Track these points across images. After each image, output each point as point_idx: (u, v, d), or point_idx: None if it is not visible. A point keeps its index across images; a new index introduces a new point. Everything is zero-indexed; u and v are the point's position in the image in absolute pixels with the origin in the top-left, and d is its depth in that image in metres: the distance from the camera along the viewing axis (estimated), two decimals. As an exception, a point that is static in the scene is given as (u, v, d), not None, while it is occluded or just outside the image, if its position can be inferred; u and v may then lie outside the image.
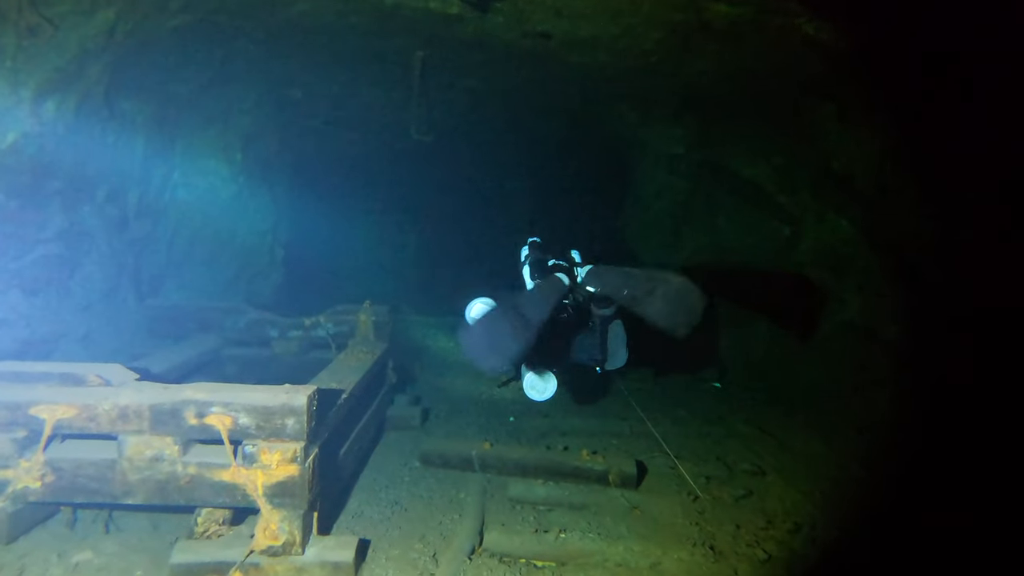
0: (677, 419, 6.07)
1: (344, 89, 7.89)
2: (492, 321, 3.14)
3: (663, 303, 3.10)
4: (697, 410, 6.44)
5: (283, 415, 2.98)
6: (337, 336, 5.22)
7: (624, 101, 7.87)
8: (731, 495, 4.35)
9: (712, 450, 5.23)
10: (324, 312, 5.26)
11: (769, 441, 5.45)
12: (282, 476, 3.02)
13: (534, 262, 3.99)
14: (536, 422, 5.72)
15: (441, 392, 6.64)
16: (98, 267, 5.40)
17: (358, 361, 4.62)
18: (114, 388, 3.06)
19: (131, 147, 5.91)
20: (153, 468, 3.02)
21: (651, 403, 6.65)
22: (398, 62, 7.00)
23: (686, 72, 6.37)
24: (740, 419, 6.11)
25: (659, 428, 5.68)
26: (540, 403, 5.73)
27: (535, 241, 4.37)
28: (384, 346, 5.19)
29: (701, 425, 5.86)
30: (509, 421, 5.85)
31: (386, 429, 5.25)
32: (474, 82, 7.86)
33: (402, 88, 7.58)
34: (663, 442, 5.23)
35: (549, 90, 7.95)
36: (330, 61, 7.00)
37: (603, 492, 4.29)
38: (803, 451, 5.21)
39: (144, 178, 6.17)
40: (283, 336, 5.19)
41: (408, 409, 5.37)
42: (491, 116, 9.54)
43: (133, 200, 6.10)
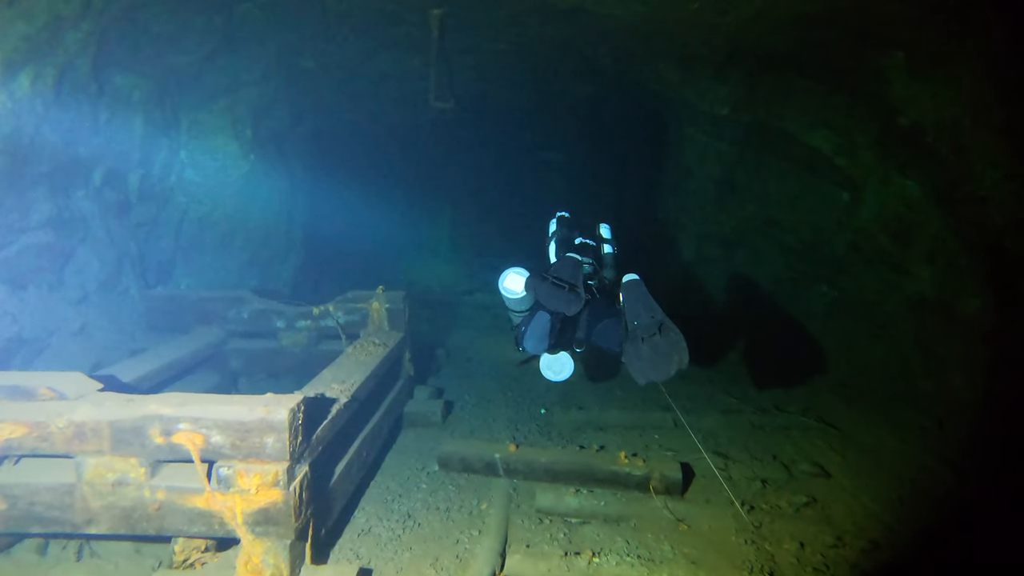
0: (726, 409, 5.50)
1: (359, 57, 7.37)
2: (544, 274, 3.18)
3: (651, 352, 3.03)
4: (749, 396, 5.85)
5: (261, 432, 2.52)
6: (348, 326, 4.78)
7: (662, 58, 7.17)
8: (791, 503, 3.79)
9: (767, 446, 4.66)
10: (333, 300, 4.81)
11: (831, 434, 4.85)
12: (263, 502, 2.58)
13: (561, 239, 3.79)
14: (570, 415, 5.21)
15: (467, 380, 6.18)
16: (95, 255, 5.04)
17: (368, 355, 4.17)
18: (69, 402, 2.65)
19: (128, 125, 5.50)
20: (117, 493, 2.61)
21: (695, 388, 6.10)
22: (415, 23, 6.45)
23: (731, 22, 5.65)
24: (797, 407, 5.51)
25: (706, 420, 5.14)
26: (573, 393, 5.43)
27: (563, 216, 4.08)
28: (399, 336, 4.73)
29: (753, 415, 5.28)
30: (540, 414, 5.36)
31: (404, 426, 4.82)
32: (499, 44, 7.27)
33: (422, 53, 7.04)
34: (709, 440, 4.68)
35: (580, 50, 7.31)
36: (342, 26, 6.48)
37: (644, 501, 3.77)
38: (872, 447, 4.61)
39: (146, 159, 5.77)
40: (290, 327, 4.76)
41: (428, 404, 4.92)
42: (520, 81, 8.93)
43: (135, 182, 5.72)
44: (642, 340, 3.02)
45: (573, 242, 3.74)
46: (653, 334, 3.01)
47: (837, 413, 5.30)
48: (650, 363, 3.02)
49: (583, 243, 3.73)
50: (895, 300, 6.25)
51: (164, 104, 5.96)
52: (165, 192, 6.16)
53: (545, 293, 3.13)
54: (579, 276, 3.19)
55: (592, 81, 8.83)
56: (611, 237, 3.85)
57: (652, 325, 3.04)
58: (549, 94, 9.73)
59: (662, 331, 3.02)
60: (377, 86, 8.11)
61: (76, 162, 4.91)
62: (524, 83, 9.09)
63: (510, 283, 3.47)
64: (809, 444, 4.68)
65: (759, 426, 5.06)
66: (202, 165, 6.51)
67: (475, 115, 10.56)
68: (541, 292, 3.15)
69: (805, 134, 6.96)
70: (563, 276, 3.15)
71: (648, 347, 3.01)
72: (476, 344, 7.55)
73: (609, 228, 3.94)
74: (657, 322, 3.04)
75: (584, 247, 3.68)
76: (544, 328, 3.40)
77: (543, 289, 3.14)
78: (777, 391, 6.03)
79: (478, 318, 8.71)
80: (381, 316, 4.73)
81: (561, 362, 3.58)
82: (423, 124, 10.12)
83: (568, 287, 3.10)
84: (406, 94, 8.22)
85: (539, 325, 3.40)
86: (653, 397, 5.75)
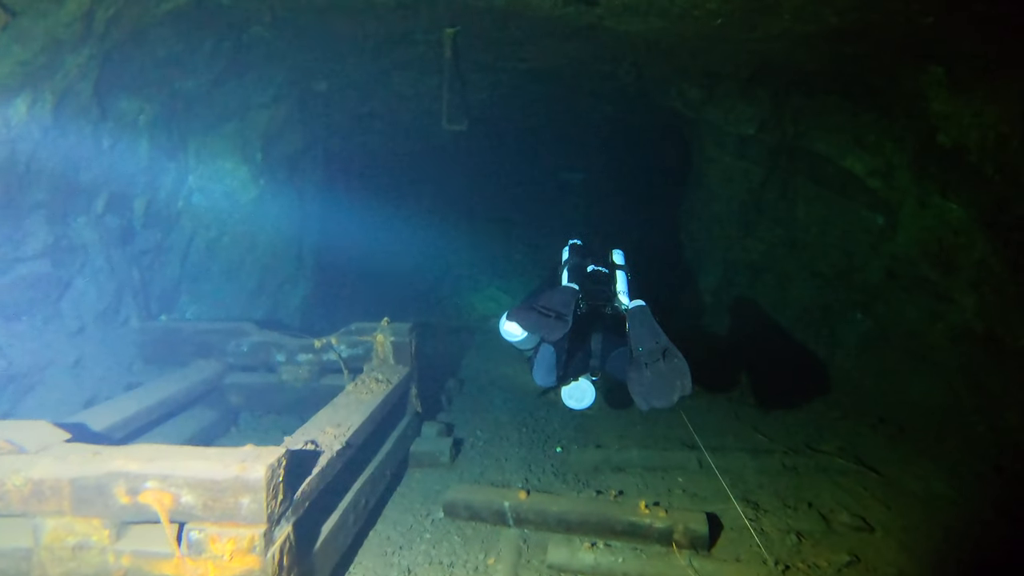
0: (755, 448, 5.13)
1: (373, 78, 7.22)
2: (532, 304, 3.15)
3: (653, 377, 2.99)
4: (779, 434, 5.47)
5: (236, 492, 2.26)
6: (351, 360, 4.52)
7: (684, 76, 6.92)
8: (831, 563, 3.42)
9: (801, 492, 4.29)
10: (336, 332, 4.57)
11: (873, 480, 4.46)
12: (239, 570, 2.31)
13: (572, 267, 3.67)
14: (587, 455, 4.89)
15: (480, 413, 5.89)
16: (93, 285, 4.87)
17: (369, 394, 3.90)
18: (29, 457, 2.41)
19: (133, 150, 5.36)
20: (78, 559, 2.36)
21: (722, 423, 5.74)
22: (428, 43, 6.28)
23: (758, 37, 5.38)
24: (833, 446, 5.12)
25: (733, 460, 4.78)
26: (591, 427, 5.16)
27: (576, 244, 4.00)
28: (405, 370, 4.46)
29: (785, 456, 4.90)
30: (556, 452, 5.04)
31: (410, 465, 4.53)
32: (515, 63, 7.07)
33: (436, 74, 6.86)
34: (737, 484, 4.32)
35: (599, 68, 7.09)
36: (354, 48, 6.33)
37: (667, 557, 3.43)
38: (921, 495, 4.21)
39: (151, 184, 5.63)
40: (291, 360, 4.53)
41: (436, 443, 4.63)
42: (538, 101, 8.73)
43: (139, 209, 5.57)
44: (645, 365, 2.98)
45: (585, 270, 3.65)
46: (656, 360, 2.98)
47: (878, 454, 4.90)
48: (652, 388, 2.98)
49: (595, 271, 3.65)
50: (937, 330, 5.86)
51: (171, 128, 5.83)
52: (171, 218, 6.00)
53: (529, 322, 3.09)
54: (570, 304, 3.12)
55: (612, 100, 8.60)
56: (624, 263, 3.75)
57: (656, 351, 3.00)
58: (568, 114, 9.52)
59: (666, 357, 2.99)
60: (392, 108, 7.95)
61: (76, 188, 4.77)
62: (542, 104, 8.89)
63: (509, 328, 3.37)
64: (848, 491, 4.30)
65: (792, 468, 4.69)
66: (210, 190, 6.36)
67: (494, 137, 10.38)
68: (525, 322, 3.11)
69: (836, 154, 6.64)
70: (551, 305, 3.09)
71: (651, 372, 2.98)
72: (492, 372, 7.27)
73: (623, 254, 3.86)
74: (661, 348, 2.99)
75: (596, 275, 3.62)
76: (550, 360, 3.35)
77: (527, 319, 3.10)
78: (809, 427, 5.65)
79: (496, 344, 8.41)
80: (386, 350, 4.47)
81: (582, 390, 3.52)
82: (440, 146, 9.95)
83: (554, 315, 3.04)
84: (421, 115, 8.05)
85: (545, 357, 3.35)
86: (676, 433, 5.43)
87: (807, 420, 5.85)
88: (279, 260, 7.10)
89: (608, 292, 3.51)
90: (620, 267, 3.71)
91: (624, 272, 3.66)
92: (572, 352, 3.37)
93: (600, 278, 3.60)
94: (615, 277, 3.61)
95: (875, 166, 6.39)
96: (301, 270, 7.54)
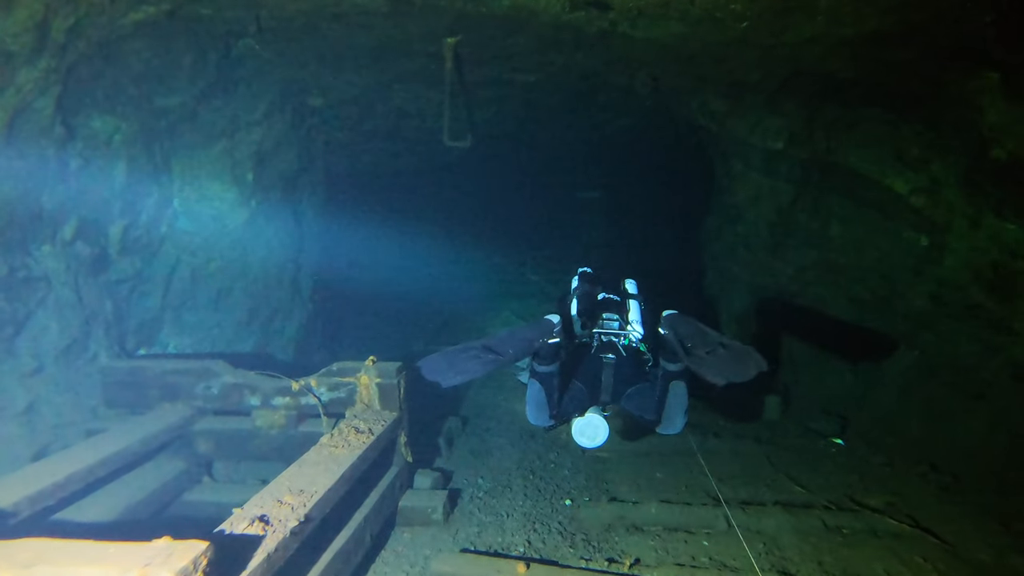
0: (791, 501, 4.53)
1: (372, 93, 6.81)
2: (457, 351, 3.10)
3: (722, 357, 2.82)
4: (817, 483, 4.87)
5: (133, 609, 1.76)
6: (332, 404, 4.03)
7: (707, 87, 6.41)
8: (892, 661, 2.84)
9: (849, 563, 3.69)
10: (315, 373, 4.09)
11: (932, 547, 3.85)
12: None
13: (582, 295, 3.50)
14: (599, 510, 4.33)
15: (483, 458, 5.36)
16: (55, 319, 4.44)
17: (346, 447, 3.40)
18: None
19: (107, 173, 4.96)
20: None
21: (752, 469, 5.16)
22: (429, 54, 5.85)
23: (789, 41, 4.88)
24: (880, 500, 4.51)
25: (767, 519, 4.21)
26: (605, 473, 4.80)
27: (586, 272, 3.87)
28: (392, 416, 3.95)
29: (826, 512, 4.30)
30: (565, 506, 4.49)
31: (398, 524, 4.02)
32: (524, 75, 6.63)
33: (439, 88, 6.42)
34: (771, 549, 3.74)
35: (615, 80, 6.61)
36: (350, 60, 5.93)
37: (691, 653, 2.87)
38: (992, 568, 3.59)
39: (130, 208, 5.22)
40: (266, 404, 4.04)
41: (428, 497, 4.10)
42: (549, 116, 8.27)
43: (115, 235, 5.15)
44: (706, 353, 2.81)
45: (596, 298, 3.51)
46: (715, 349, 2.81)
47: (933, 511, 4.29)
48: (724, 365, 2.78)
49: (607, 299, 3.52)
50: (995, 365, 5.24)
51: (152, 149, 5.43)
52: (153, 244, 5.59)
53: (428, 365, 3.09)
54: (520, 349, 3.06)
55: (629, 113, 8.12)
56: (638, 293, 3.61)
57: (710, 344, 2.84)
58: (583, 130, 9.05)
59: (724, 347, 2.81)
60: (394, 124, 7.53)
61: (37, 215, 4.35)
62: (554, 119, 8.43)
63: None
64: (905, 561, 3.69)
65: (835, 529, 4.09)
66: (197, 213, 5.94)
67: (504, 155, 9.94)
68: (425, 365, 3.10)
69: (874, 171, 6.05)
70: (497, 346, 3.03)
71: (715, 357, 2.81)
72: (500, 408, 6.75)
73: (636, 284, 3.71)
74: (715, 341, 2.84)
75: (608, 303, 3.47)
76: (539, 397, 3.13)
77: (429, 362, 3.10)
78: (852, 475, 5.04)
79: (506, 375, 7.89)
80: (371, 393, 3.97)
81: (594, 426, 3.26)
82: (448, 165, 9.53)
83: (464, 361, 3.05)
84: (426, 133, 7.63)
85: (534, 394, 3.14)
86: (701, 482, 4.85)
87: (848, 466, 5.24)
88: (272, 287, 6.66)
89: (620, 322, 3.33)
90: (633, 296, 3.55)
91: (638, 301, 3.50)
92: (566, 387, 3.18)
93: (612, 306, 3.43)
94: (628, 306, 3.45)
95: (919, 183, 5.80)
96: (297, 298, 7.09)
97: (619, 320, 3.36)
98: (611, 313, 3.38)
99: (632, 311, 3.45)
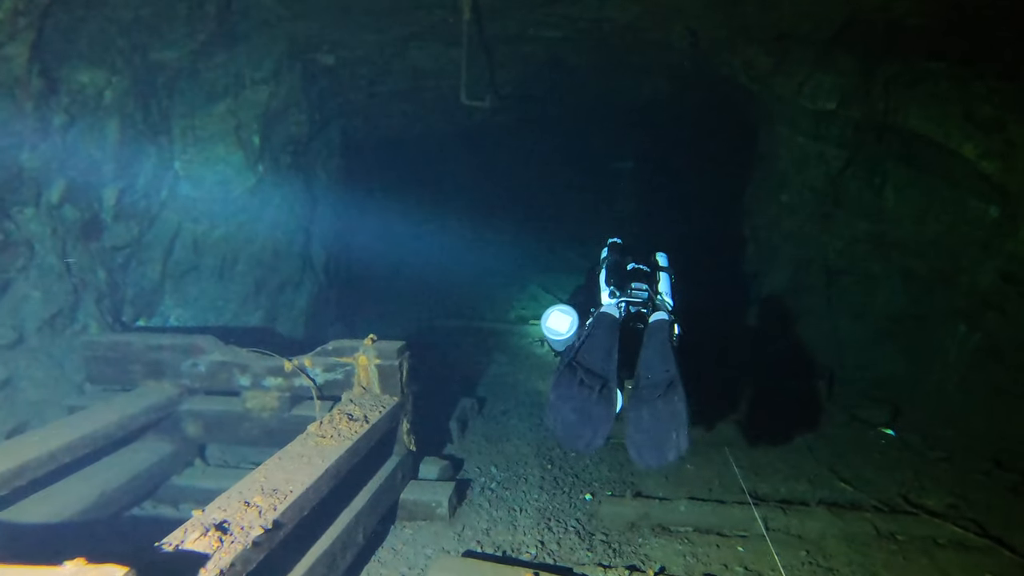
0: (837, 500, 4.07)
1: (388, 51, 6.36)
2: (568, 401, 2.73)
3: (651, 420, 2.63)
4: (865, 481, 4.38)
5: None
6: (328, 387, 3.67)
7: (750, 40, 5.81)
8: None
9: (907, 576, 3.23)
10: (309, 353, 3.72)
11: (1007, 561, 3.35)
12: None
13: (611, 266, 3.42)
14: (622, 507, 3.92)
15: (498, 443, 4.98)
16: (38, 287, 4.14)
17: (337, 437, 3.03)
18: None
19: (99, 132, 4.64)
20: None
21: (793, 461, 4.70)
22: (444, 6, 5.38)
23: (847, -18, 4.28)
24: (940, 502, 4.03)
25: (810, 521, 3.75)
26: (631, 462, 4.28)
27: (615, 242, 3.77)
28: (393, 401, 3.57)
29: (876, 516, 3.83)
30: (584, 501, 4.08)
31: (399, 518, 3.66)
32: (549, 31, 6.12)
33: (460, 46, 5.94)
34: (817, 559, 3.29)
35: (649, 35, 6.05)
36: (362, 14, 5.48)
37: None
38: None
39: (124, 171, 4.89)
40: (256, 385, 3.69)
41: (432, 490, 3.73)
42: (579, 79, 7.73)
43: (110, 199, 4.84)
44: (644, 403, 2.66)
45: (625, 268, 3.39)
46: (657, 396, 2.65)
47: (1002, 515, 3.79)
48: (647, 438, 2.62)
49: (636, 269, 3.39)
50: (1074, 352, 4.66)
51: (149, 107, 5.09)
52: (152, 209, 5.27)
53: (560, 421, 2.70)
54: (611, 365, 2.72)
55: (665, 74, 7.54)
56: (668, 265, 3.50)
57: (660, 384, 2.67)
58: (615, 93, 8.48)
59: (667, 393, 2.63)
60: (412, 85, 7.07)
61: (16, 175, 4.03)
62: (585, 82, 7.88)
63: (554, 323, 3.21)
64: (971, 575, 3.21)
65: (889, 536, 3.62)
66: (200, 178, 5.61)
67: (531, 120, 9.41)
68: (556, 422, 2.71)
69: (938, 132, 5.45)
70: (591, 366, 2.72)
71: (648, 415, 2.63)
72: (521, 387, 6.35)
73: (666, 257, 3.59)
74: (667, 380, 2.66)
75: (637, 273, 3.34)
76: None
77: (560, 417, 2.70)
78: (906, 471, 4.53)
79: (528, 351, 7.51)
80: (370, 375, 3.59)
81: None
82: (471, 130, 9.05)
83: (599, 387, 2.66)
84: (445, 95, 7.14)
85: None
86: (734, 476, 4.39)
87: (900, 460, 4.73)
88: (281, 257, 6.32)
89: (649, 292, 3.22)
90: (664, 268, 3.45)
91: (668, 274, 3.41)
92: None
93: (641, 276, 3.30)
94: (658, 277, 3.36)
95: (990, 146, 5.20)
96: (308, 269, 6.74)
97: (648, 290, 3.23)
98: (640, 283, 3.24)
99: (662, 282, 3.35)
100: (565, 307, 3.31)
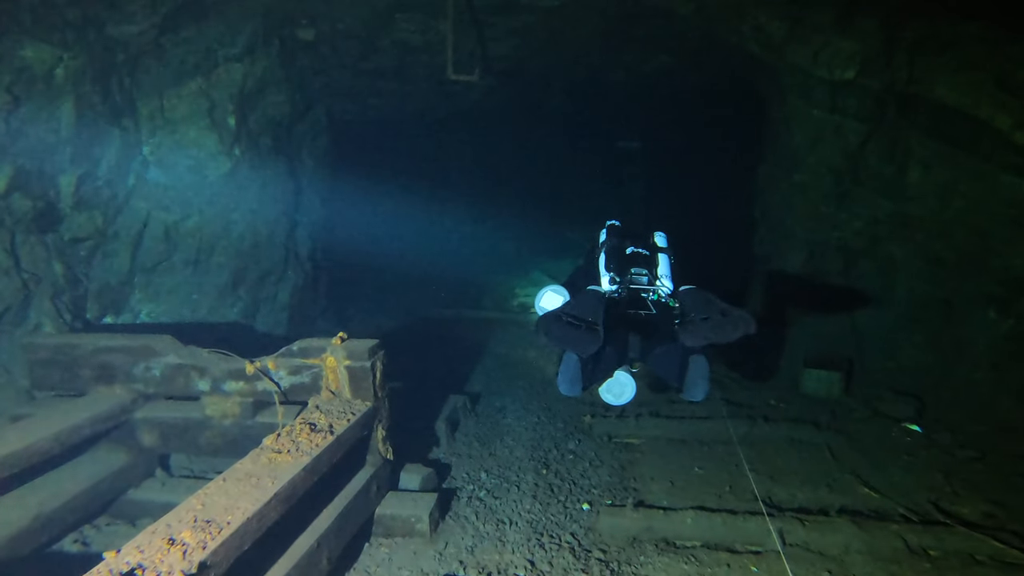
0: (859, 510, 3.69)
1: (372, 24, 5.94)
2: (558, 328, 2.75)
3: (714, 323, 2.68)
4: (890, 485, 4.00)
5: None
6: (294, 391, 3.32)
7: (761, 4, 5.34)
8: None
9: (942, 600, 2.85)
10: (273, 354, 3.36)
11: (1054, 582, 2.97)
12: None
13: (610, 249, 3.35)
14: (623, 518, 3.55)
15: (490, 444, 4.62)
16: (-18, 285, 3.80)
17: (295, 451, 2.67)
18: None
19: (50, 114, 4.30)
20: None
21: (811, 464, 4.31)
22: (427, -27, 4.97)
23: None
24: (975, 510, 3.65)
25: (832, 534, 3.38)
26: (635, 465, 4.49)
27: (614, 224, 3.67)
28: (365, 407, 3.21)
29: (905, 527, 3.45)
30: (582, 511, 3.72)
31: (375, 535, 3.31)
32: (543, 0, 5.67)
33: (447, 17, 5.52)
34: None
35: (651, 3, 5.61)
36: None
37: None
38: None
39: (83, 156, 4.55)
40: (216, 390, 3.34)
41: (412, 503, 3.37)
42: (580, 53, 7.27)
43: (67, 187, 4.50)
44: (701, 319, 2.72)
45: (624, 252, 3.32)
46: (711, 316, 2.71)
47: (1046, 527, 3.39)
48: (711, 328, 2.69)
49: (635, 252, 3.31)
50: (1120, 341, 4.24)
51: (110, 87, 4.73)
52: (118, 197, 4.92)
53: (557, 335, 2.75)
54: (599, 312, 2.79)
55: (669, 48, 7.07)
56: (667, 246, 3.42)
57: (711, 311, 2.74)
58: (618, 68, 8.01)
59: (724, 314, 2.72)
60: (399, 61, 6.66)
61: (-46, 162, 3.68)
62: (586, 56, 7.42)
63: (548, 303, 3.22)
64: (1016, 600, 2.84)
65: (920, 552, 3.24)
66: (171, 163, 5.26)
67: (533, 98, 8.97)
68: (553, 334, 2.75)
69: (967, 102, 5.01)
70: (580, 314, 2.75)
71: (705, 322, 2.71)
72: (518, 380, 5.99)
73: (665, 237, 3.51)
74: (719, 309, 2.74)
75: (636, 257, 3.28)
76: (575, 369, 2.95)
77: (555, 331, 2.74)
78: (934, 474, 4.14)
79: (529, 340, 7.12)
80: (339, 378, 3.23)
81: (621, 384, 3.19)
82: (467, 109, 8.61)
83: (585, 325, 2.71)
84: (435, 71, 6.71)
85: (570, 366, 2.95)
86: (747, 480, 4.01)
87: (928, 461, 4.34)
88: (262, 247, 5.95)
89: (649, 276, 3.18)
90: (663, 250, 3.36)
91: (667, 255, 3.32)
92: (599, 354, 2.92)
93: (640, 260, 3.25)
94: (657, 260, 3.27)
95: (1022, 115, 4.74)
96: (292, 259, 6.37)
97: (648, 275, 3.19)
98: (640, 267, 3.21)
99: (661, 265, 3.26)
100: (558, 287, 3.32)
